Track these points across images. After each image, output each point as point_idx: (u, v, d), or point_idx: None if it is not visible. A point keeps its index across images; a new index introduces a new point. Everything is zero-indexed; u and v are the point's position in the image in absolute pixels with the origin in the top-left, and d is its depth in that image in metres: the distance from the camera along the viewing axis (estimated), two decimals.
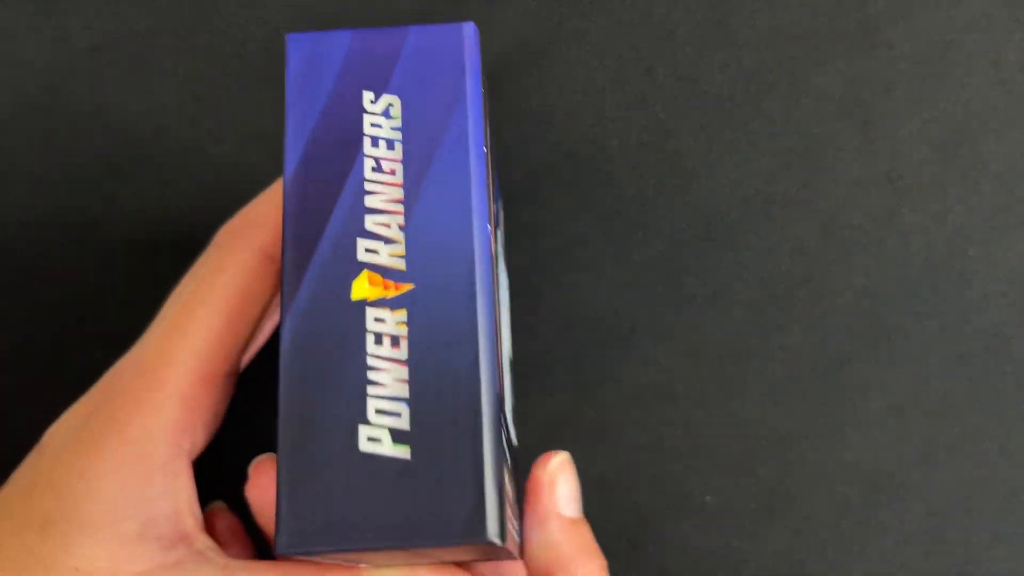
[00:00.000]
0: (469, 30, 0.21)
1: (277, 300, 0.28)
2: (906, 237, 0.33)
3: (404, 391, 0.19)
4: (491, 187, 0.22)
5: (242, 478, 0.32)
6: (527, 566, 0.26)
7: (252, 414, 0.33)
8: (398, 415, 0.18)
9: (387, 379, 0.19)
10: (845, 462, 0.33)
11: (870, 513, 0.32)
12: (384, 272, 0.20)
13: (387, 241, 0.20)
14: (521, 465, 0.32)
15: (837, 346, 0.33)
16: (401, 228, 0.20)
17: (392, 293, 0.19)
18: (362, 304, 0.19)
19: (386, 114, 0.21)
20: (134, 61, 0.35)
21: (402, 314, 0.19)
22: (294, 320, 0.19)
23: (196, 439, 0.25)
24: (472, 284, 0.19)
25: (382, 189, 0.20)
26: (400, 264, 0.20)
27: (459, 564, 0.25)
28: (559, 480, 0.26)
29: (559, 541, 0.26)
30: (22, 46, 0.35)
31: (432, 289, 0.19)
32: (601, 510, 0.32)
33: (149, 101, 0.35)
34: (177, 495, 0.24)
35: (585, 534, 0.27)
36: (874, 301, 0.33)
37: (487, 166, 0.21)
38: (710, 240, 0.34)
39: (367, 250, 0.20)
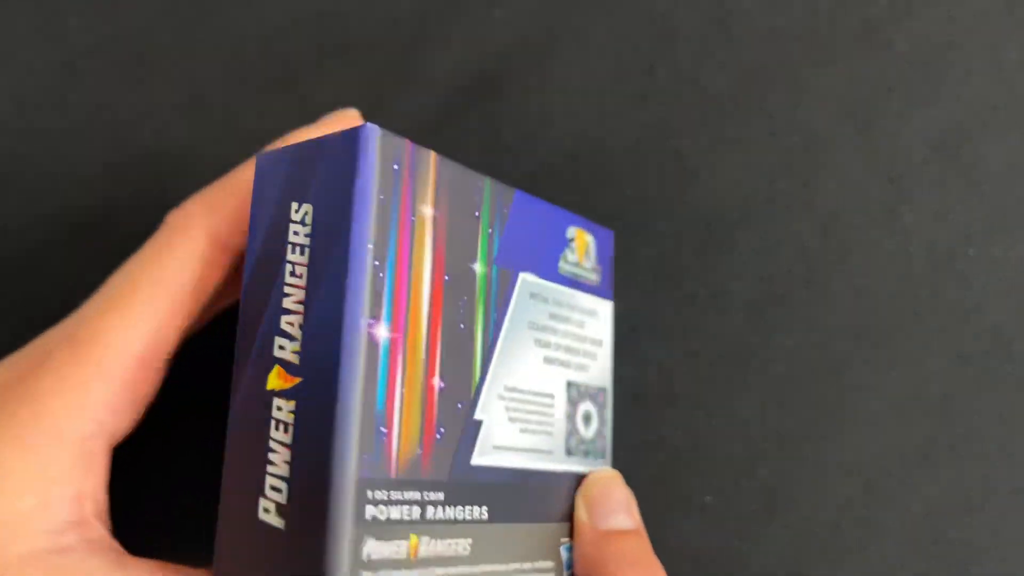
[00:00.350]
0: (365, 134, 0.22)
1: (224, 289, 0.28)
2: (906, 237, 0.33)
3: (287, 471, 0.22)
4: (392, 279, 0.23)
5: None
6: None
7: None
8: (281, 492, 0.22)
9: (278, 460, 0.22)
10: (845, 462, 0.33)
11: (870, 513, 0.32)
12: (287, 366, 0.22)
13: (291, 338, 0.22)
14: None
15: (837, 346, 0.33)
16: (300, 327, 0.22)
17: (289, 385, 0.22)
18: (271, 394, 0.22)
19: (303, 222, 0.23)
20: (134, 61, 0.35)
21: (292, 403, 0.22)
22: (234, 407, 0.23)
23: (122, 422, 0.24)
24: (335, 379, 0.21)
25: (294, 292, 0.23)
26: (296, 359, 0.22)
27: None
28: (593, 493, 0.27)
29: (588, 553, 0.26)
30: (22, 46, 0.35)
31: (312, 382, 0.22)
32: None
33: (149, 101, 0.35)
34: (84, 478, 0.23)
35: (622, 545, 0.26)
36: (874, 301, 0.33)
37: (371, 262, 0.22)
38: (710, 240, 0.34)
39: (279, 346, 0.23)
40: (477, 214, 0.25)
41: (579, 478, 0.28)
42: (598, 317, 0.30)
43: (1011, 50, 0.34)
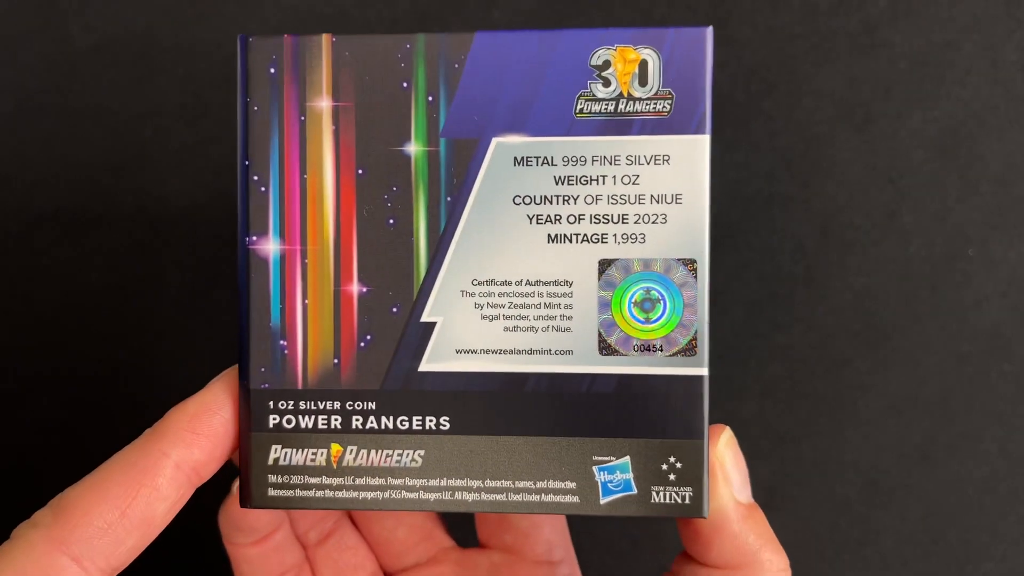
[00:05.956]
0: (238, 46, 0.23)
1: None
2: (906, 237, 0.33)
3: None
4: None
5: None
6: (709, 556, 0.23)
7: None
8: None
9: None
10: (844, 462, 0.33)
11: (869, 513, 0.32)
12: None
13: None
14: None
15: (837, 346, 0.33)
16: None
17: None
18: None
19: None
20: (134, 61, 0.35)
21: None
22: None
23: None
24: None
25: None
26: None
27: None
28: (729, 459, 0.23)
29: (738, 532, 0.23)
30: (23, 46, 0.35)
31: None
32: None
33: (149, 101, 0.35)
34: None
35: (763, 522, 0.23)
36: (874, 301, 0.33)
37: (250, 178, 0.23)
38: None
39: None
40: (406, 84, 0.23)
41: (637, 380, 0.23)
42: (673, 163, 0.23)
43: (1010, 51, 0.34)
